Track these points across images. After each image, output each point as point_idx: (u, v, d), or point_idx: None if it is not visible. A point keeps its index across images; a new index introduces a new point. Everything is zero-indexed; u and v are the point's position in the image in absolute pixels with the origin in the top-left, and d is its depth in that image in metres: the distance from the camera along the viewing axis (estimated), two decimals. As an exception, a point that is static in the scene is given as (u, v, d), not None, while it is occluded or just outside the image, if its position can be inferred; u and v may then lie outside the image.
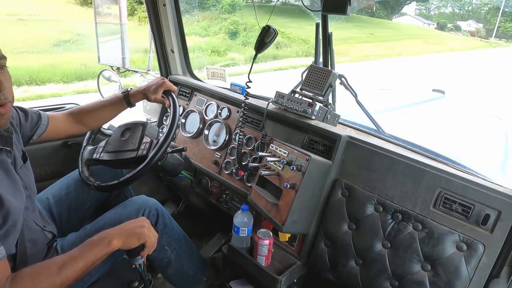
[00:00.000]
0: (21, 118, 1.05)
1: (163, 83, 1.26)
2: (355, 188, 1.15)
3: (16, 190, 0.87)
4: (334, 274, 1.18)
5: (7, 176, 0.86)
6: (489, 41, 30.35)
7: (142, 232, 0.92)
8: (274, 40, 1.31)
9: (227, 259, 1.30)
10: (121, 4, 1.94)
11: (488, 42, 29.39)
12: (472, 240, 0.95)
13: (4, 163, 0.87)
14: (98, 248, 0.87)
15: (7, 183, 0.85)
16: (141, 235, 0.92)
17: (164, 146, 1.15)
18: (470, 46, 25.24)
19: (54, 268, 0.82)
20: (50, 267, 0.82)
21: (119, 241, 0.89)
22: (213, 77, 1.88)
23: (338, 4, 1.21)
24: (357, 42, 16.90)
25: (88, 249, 0.87)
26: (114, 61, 2.02)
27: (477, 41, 29.25)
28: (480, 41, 30.09)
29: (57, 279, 0.81)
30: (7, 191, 0.82)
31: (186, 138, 1.72)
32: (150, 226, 0.96)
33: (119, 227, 0.93)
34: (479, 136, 2.47)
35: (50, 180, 1.39)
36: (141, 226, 0.93)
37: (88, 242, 0.88)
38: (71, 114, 1.24)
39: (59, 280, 0.81)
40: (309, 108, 1.30)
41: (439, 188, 1.02)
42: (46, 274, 0.81)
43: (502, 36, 31.35)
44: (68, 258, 0.85)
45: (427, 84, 6.85)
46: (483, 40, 30.86)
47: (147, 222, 0.97)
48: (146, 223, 0.95)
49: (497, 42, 30.06)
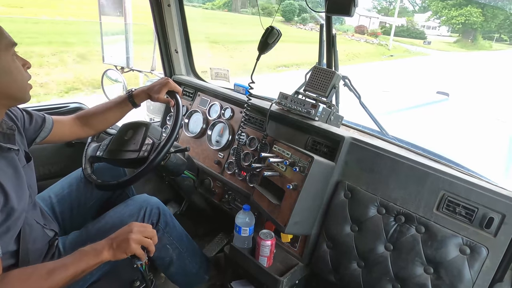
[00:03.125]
0: (25, 120, 1.06)
1: (167, 83, 1.26)
2: (358, 190, 1.15)
3: (21, 188, 0.89)
4: (336, 276, 1.17)
5: (15, 174, 0.87)
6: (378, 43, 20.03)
7: (128, 246, 0.91)
8: (277, 41, 1.30)
9: (229, 259, 1.30)
10: (126, 3, 1.95)
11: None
12: (476, 243, 0.95)
13: (13, 161, 0.88)
14: (89, 258, 0.88)
15: (14, 181, 0.86)
16: (127, 249, 0.91)
17: (165, 148, 1.16)
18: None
19: (44, 272, 0.83)
20: (41, 271, 0.83)
21: (109, 253, 0.90)
22: (217, 77, 1.88)
23: (342, 5, 1.21)
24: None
25: (79, 257, 0.88)
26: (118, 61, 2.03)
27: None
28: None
29: (46, 284, 0.82)
30: (13, 189, 0.84)
31: (189, 138, 1.73)
32: (138, 231, 0.94)
33: (110, 238, 0.93)
34: (483, 138, 2.45)
35: (53, 179, 1.40)
36: (126, 239, 0.91)
37: (80, 251, 0.90)
38: (78, 118, 1.24)
39: (47, 285, 0.82)
40: (312, 109, 1.30)
41: (442, 190, 1.01)
42: (36, 278, 0.82)
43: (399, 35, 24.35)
44: (59, 264, 0.86)
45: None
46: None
47: (136, 228, 0.94)
48: (133, 233, 0.92)
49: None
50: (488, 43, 30.90)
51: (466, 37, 30.21)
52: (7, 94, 0.85)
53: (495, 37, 31.69)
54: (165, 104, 1.71)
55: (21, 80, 0.87)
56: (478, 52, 26.64)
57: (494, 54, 26.45)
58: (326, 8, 1.25)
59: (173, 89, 1.27)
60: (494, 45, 30.79)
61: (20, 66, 0.87)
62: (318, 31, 1.46)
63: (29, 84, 0.90)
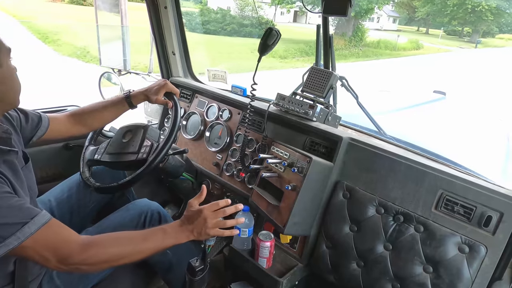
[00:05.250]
0: (21, 119, 1.06)
1: (165, 85, 1.26)
2: (356, 190, 1.15)
3: (23, 191, 0.88)
4: (336, 276, 1.17)
5: (15, 176, 0.87)
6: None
7: (207, 234, 0.96)
8: (277, 42, 1.31)
9: (228, 261, 1.30)
10: (123, 6, 1.95)
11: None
12: (474, 242, 0.95)
13: (12, 164, 0.88)
14: (169, 240, 0.94)
15: (15, 184, 0.86)
16: (208, 235, 0.96)
17: (164, 150, 1.16)
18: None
19: (123, 248, 0.90)
20: (124, 237, 0.92)
21: (190, 239, 0.95)
22: (214, 79, 1.88)
23: (338, 6, 1.22)
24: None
25: (162, 236, 0.94)
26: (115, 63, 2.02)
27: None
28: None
29: (127, 248, 0.89)
30: (16, 192, 0.84)
31: (187, 140, 1.73)
32: (211, 218, 0.97)
33: (187, 227, 0.96)
34: (480, 137, 2.46)
35: (51, 182, 1.40)
36: (205, 227, 0.96)
37: (163, 230, 0.95)
38: (72, 115, 1.24)
39: (127, 250, 0.89)
40: (310, 110, 1.30)
41: (440, 189, 1.02)
42: (121, 241, 0.90)
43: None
44: (140, 235, 0.93)
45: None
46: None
47: (209, 217, 0.97)
48: (207, 221, 0.96)
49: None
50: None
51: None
52: (5, 99, 0.87)
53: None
54: (163, 106, 1.71)
55: (18, 85, 0.89)
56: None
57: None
58: (323, 8, 1.26)
59: (171, 90, 1.27)
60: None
61: (15, 71, 0.89)
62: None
63: (21, 88, 0.93)
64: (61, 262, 0.81)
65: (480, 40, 26.77)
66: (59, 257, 0.81)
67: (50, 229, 0.82)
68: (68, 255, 0.82)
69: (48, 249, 0.80)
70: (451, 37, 29.77)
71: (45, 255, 0.80)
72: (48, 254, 0.80)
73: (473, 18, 23.82)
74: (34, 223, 0.78)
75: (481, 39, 27.32)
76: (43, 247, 0.80)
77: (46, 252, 0.80)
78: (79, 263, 0.83)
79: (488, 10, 22.33)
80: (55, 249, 0.81)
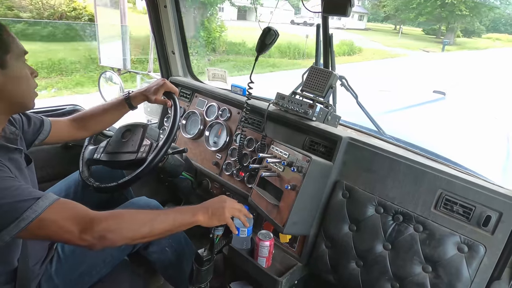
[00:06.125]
0: (24, 123, 1.07)
1: (164, 84, 1.26)
2: (355, 190, 1.15)
3: None
4: (335, 276, 1.17)
5: (19, 173, 0.88)
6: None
7: (222, 214, 0.99)
8: (275, 41, 1.31)
9: (227, 260, 1.30)
10: (122, 5, 1.95)
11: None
12: (473, 241, 0.95)
13: (17, 161, 0.89)
14: (186, 215, 0.96)
15: (20, 180, 0.85)
16: (221, 216, 0.99)
17: (164, 149, 1.16)
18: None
19: (149, 213, 0.93)
20: (146, 212, 0.94)
21: (204, 218, 0.97)
22: (214, 78, 1.88)
23: (338, 5, 1.22)
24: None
25: (179, 211, 0.97)
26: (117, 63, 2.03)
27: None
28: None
29: (148, 225, 0.89)
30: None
31: (186, 139, 1.73)
32: (231, 203, 1.04)
33: (205, 206, 1.00)
34: (480, 137, 2.46)
35: (51, 182, 1.39)
36: (222, 207, 1.00)
37: (177, 208, 1.00)
38: (74, 120, 1.24)
39: (149, 226, 0.88)
40: (309, 109, 1.30)
41: (440, 189, 1.02)
42: (142, 215, 0.91)
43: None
44: (162, 211, 0.99)
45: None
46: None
47: (228, 201, 1.03)
48: (227, 203, 1.02)
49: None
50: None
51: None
52: (14, 101, 0.88)
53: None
54: (163, 105, 1.71)
55: (29, 88, 0.90)
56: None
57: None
58: (323, 8, 1.25)
59: (170, 89, 1.27)
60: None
61: (29, 74, 0.89)
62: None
63: (35, 92, 0.93)
64: (85, 231, 0.78)
65: (448, 41, 21.52)
66: (82, 226, 0.78)
67: (65, 203, 0.81)
68: (91, 221, 0.79)
69: (68, 218, 0.78)
70: (429, 37, 24.96)
71: (66, 225, 0.77)
72: (70, 224, 0.78)
73: (445, 13, 19.76)
74: (47, 198, 0.78)
75: (457, 39, 22.53)
76: (63, 217, 0.78)
77: (67, 222, 0.78)
78: (104, 230, 0.80)
79: (462, 3, 18.25)
80: (76, 218, 0.79)
